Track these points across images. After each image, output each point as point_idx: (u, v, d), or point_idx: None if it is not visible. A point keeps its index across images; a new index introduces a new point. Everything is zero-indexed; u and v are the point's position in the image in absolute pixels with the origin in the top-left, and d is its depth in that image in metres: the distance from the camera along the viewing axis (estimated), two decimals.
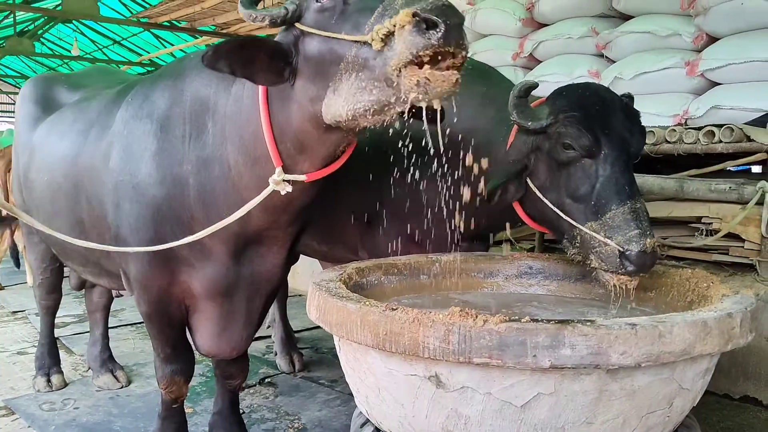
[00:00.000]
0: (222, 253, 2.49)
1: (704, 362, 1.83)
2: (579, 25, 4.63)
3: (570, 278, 2.73)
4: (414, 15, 1.63)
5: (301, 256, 3.53)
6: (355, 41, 1.82)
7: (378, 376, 1.90)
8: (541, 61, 4.94)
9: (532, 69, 4.96)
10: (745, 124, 3.64)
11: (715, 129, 3.66)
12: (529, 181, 2.56)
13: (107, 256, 2.81)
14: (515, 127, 2.58)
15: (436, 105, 1.79)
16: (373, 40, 1.74)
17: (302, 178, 2.19)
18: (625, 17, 4.55)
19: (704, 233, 3.80)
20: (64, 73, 3.95)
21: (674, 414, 1.86)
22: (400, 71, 1.69)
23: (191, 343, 2.90)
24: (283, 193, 2.21)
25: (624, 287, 2.34)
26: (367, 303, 1.87)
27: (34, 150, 3.30)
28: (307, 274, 5.52)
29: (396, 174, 3.05)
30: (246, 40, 2.06)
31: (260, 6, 2.12)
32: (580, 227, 2.37)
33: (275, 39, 2.10)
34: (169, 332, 2.76)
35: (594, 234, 2.32)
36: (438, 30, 1.61)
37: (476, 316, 1.67)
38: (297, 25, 2.03)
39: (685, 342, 1.67)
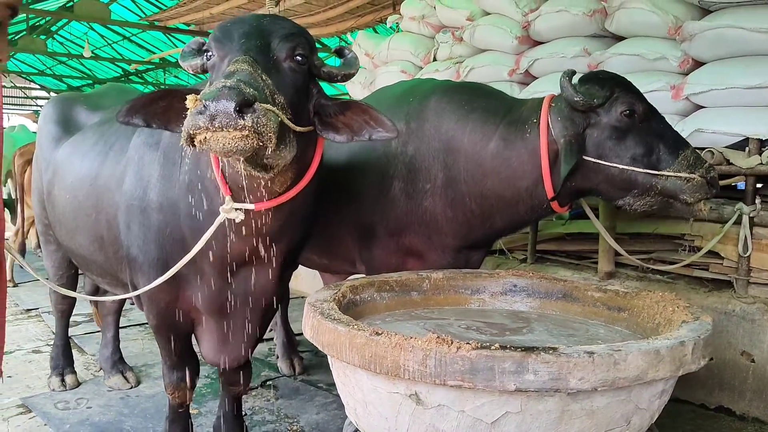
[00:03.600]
0: (213, 274, 2.62)
1: (659, 385, 2.01)
2: (572, 45, 4.78)
3: (551, 296, 2.91)
4: (196, 101, 1.85)
5: None
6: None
7: (365, 392, 2.09)
8: (536, 78, 5.08)
9: (527, 85, 5.11)
10: (726, 147, 3.80)
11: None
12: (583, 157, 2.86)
13: (123, 270, 2.99)
14: (543, 119, 2.86)
15: (224, 156, 1.97)
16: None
17: (251, 207, 2.27)
18: (617, 38, 4.70)
19: (687, 249, 4.00)
20: (83, 93, 4.15)
21: (633, 430, 2.05)
22: (193, 136, 1.88)
23: (198, 351, 3.10)
24: (237, 221, 2.29)
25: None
26: (356, 326, 2.05)
27: (57, 169, 3.49)
28: (309, 276, 5.67)
29: (393, 188, 3.23)
30: (160, 92, 2.30)
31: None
32: (666, 173, 2.77)
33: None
34: (175, 343, 2.94)
35: (680, 174, 2.76)
36: (205, 114, 1.81)
37: (451, 343, 1.85)
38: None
39: (638, 369, 1.84)
